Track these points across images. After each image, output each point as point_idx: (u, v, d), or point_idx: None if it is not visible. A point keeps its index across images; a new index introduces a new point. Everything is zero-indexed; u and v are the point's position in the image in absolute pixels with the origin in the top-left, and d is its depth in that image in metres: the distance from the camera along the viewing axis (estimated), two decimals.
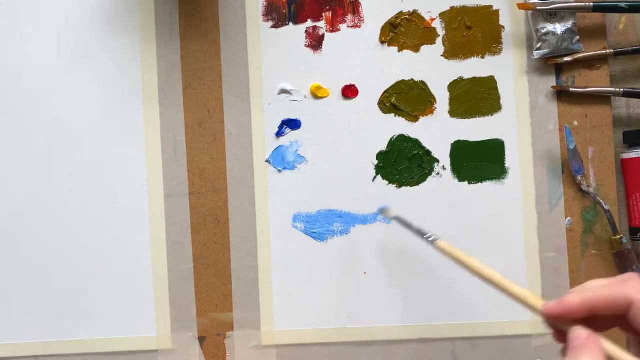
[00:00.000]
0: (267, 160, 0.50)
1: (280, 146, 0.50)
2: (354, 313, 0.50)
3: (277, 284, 0.50)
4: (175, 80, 0.50)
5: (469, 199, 0.50)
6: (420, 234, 0.41)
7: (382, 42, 0.50)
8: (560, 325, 0.31)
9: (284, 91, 0.50)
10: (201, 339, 0.50)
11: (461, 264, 0.36)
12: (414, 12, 0.50)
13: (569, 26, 0.48)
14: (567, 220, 0.49)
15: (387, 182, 0.50)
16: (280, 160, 0.50)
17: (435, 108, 0.50)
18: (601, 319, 0.31)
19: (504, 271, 0.34)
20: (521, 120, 0.50)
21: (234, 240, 0.50)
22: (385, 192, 0.50)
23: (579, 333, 0.30)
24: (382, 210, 0.48)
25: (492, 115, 0.50)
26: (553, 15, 0.48)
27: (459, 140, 0.50)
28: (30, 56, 0.51)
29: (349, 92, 0.50)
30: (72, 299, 0.50)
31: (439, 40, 0.50)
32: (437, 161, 0.50)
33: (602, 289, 0.30)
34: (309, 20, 0.50)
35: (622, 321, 0.31)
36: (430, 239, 0.40)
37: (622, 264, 0.48)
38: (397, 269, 0.50)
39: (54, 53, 0.51)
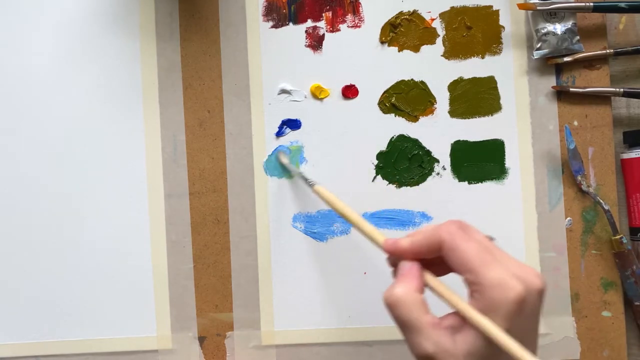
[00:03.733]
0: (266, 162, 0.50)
1: (280, 146, 0.50)
2: (354, 313, 0.50)
3: (277, 284, 0.50)
4: (175, 80, 0.50)
5: (469, 199, 0.50)
6: (303, 178, 0.47)
7: (382, 42, 0.50)
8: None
9: (284, 91, 0.50)
10: (201, 339, 0.50)
11: (332, 207, 0.41)
12: (414, 12, 0.50)
13: (569, 26, 0.48)
14: (567, 220, 0.49)
15: (387, 182, 0.50)
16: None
17: (435, 108, 0.50)
18: (439, 263, 0.34)
19: None
20: (521, 120, 0.49)
21: (234, 240, 0.50)
22: (385, 192, 0.50)
23: (404, 264, 0.34)
24: (278, 153, 0.50)
25: (492, 115, 0.50)
26: (553, 15, 0.48)
27: (459, 140, 0.50)
28: (29, 56, 0.51)
29: (349, 92, 0.50)
30: (72, 299, 0.50)
31: (439, 40, 0.50)
32: (437, 161, 0.50)
33: (422, 233, 0.34)
34: (309, 20, 0.50)
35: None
36: (310, 184, 0.45)
37: (622, 264, 0.48)
38: None
39: (53, 53, 0.51)
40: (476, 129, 0.50)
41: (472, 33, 0.50)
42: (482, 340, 0.30)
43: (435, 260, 0.34)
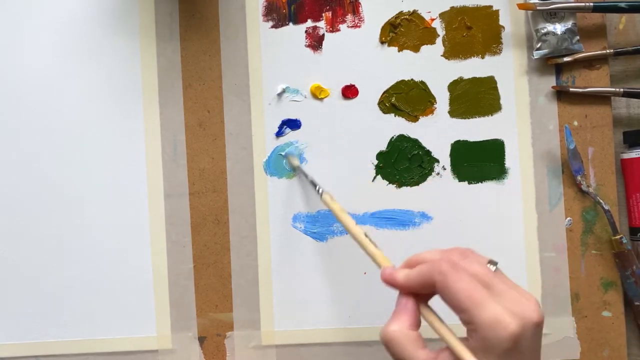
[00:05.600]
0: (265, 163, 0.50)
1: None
2: (354, 313, 0.50)
3: (277, 284, 0.50)
4: (175, 80, 0.50)
5: (469, 199, 0.50)
6: (313, 185, 0.47)
7: (382, 42, 0.50)
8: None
9: (284, 91, 0.50)
10: (201, 339, 0.50)
11: (338, 218, 0.42)
12: (414, 12, 0.50)
13: (569, 26, 0.48)
14: (567, 220, 0.49)
15: (387, 182, 0.50)
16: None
17: (435, 108, 0.50)
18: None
19: (504, 271, 0.34)
20: (521, 120, 0.49)
21: (234, 240, 0.50)
22: (385, 192, 0.50)
23: (400, 299, 0.35)
24: (288, 157, 0.50)
25: (492, 115, 0.50)
26: (553, 15, 0.48)
27: (459, 140, 0.50)
28: (30, 56, 0.51)
29: (349, 92, 0.50)
30: (72, 298, 0.50)
31: (439, 40, 0.50)
32: (437, 161, 0.50)
33: (417, 270, 0.34)
34: (309, 20, 0.50)
35: None
36: (319, 191, 0.45)
37: (622, 264, 0.48)
38: None
39: (54, 53, 0.51)
40: (476, 129, 0.50)
41: (472, 33, 0.50)
42: None
43: None
